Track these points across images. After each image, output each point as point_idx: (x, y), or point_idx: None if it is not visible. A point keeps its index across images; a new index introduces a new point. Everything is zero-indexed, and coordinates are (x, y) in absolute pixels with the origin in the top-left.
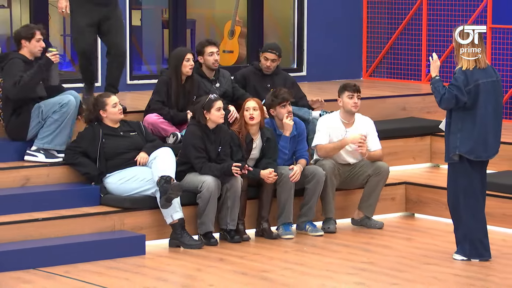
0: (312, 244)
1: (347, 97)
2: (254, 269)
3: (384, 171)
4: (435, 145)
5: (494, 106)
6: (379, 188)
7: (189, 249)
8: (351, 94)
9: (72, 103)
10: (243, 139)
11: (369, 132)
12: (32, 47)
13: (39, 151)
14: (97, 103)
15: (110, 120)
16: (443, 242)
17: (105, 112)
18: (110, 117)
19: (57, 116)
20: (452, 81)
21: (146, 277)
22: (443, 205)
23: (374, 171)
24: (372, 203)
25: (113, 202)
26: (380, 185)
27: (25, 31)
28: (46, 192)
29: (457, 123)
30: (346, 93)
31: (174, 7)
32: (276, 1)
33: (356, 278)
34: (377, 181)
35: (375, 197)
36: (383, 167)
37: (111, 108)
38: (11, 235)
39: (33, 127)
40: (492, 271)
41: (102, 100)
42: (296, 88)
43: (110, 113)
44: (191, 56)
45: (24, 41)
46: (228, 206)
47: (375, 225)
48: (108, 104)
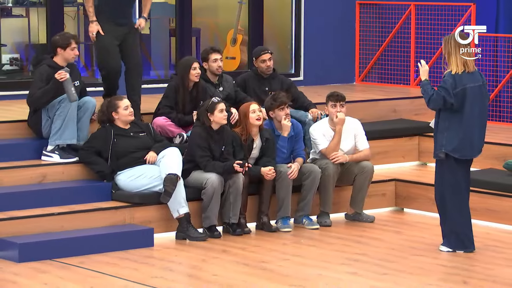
0: (308, 236)
1: (331, 107)
2: (255, 260)
3: (368, 170)
4: (423, 144)
5: (480, 109)
6: (365, 186)
7: (194, 241)
8: (333, 104)
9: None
10: (245, 139)
11: (356, 133)
12: (67, 55)
13: (54, 151)
14: (109, 105)
15: (121, 122)
16: (430, 235)
17: (117, 114)
18: (121, 118)
19: (59, 111)
20: (441, 83)
21: (154, 267)
22: (430, 201)
23: (359, 170)
24: (360, 199)
25: (124, 197)
26: (366, 183)
27: (62, 40)
28: (61, 188)
29: (445, 122)
30: (330, 102)
31: (180, 17)
32: (275, 11)
33: (350, 268)
34: (363, 179)
35: (362, 194)
36: (367, 167)
37: (123, 110)
38: (29, 229)
39: (44, 125)
40: (476, 261)
41: (115, 102)
42: (294, 89)
43: (122, 115)
44: (197, 64)
45: (60, 49)
46: (230, 202)
47: (367, 219)
48: (120, 106)
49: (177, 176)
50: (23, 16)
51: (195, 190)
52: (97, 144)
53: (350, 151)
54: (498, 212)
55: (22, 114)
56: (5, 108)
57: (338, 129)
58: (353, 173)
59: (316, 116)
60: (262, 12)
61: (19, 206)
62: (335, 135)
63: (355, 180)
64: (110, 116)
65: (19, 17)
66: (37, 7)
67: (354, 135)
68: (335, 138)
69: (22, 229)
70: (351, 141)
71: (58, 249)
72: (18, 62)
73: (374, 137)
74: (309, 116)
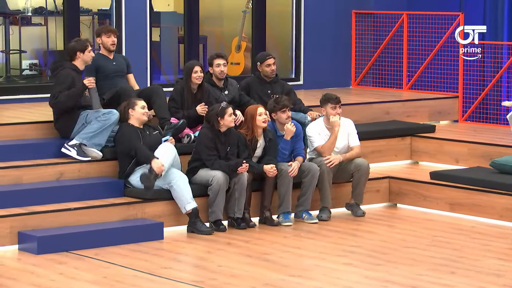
0: (308, 230)
1: (330, 108)
2: (258, 252)
3: (363, 167)
4: (415, 144)
5: None
6: (362, 182)
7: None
8: (333, 106)
9: (115, 114)
10: (250, 140)
11: (349, 132)
12: (86, 57)
13: (74, 147)
14: (128, 103)
15: (136, 119)
16: (421, 228)
17: (133, 110)
18: (136, 116)
19: (104, 117)
20: None
21: (163, 258)
22: (421, 196)
23: (355, 168)
24: (359, 192)
25: (135, 194)
26: (363, 179)
27: (79, 44)
28: (77, 185)
29: None
30: (330, 104)
31: (188, 25)
32: (277, 20)
33: (346, 260)
34: (359, 176)
35: (360, 188)
36: (363, 164)
37: (140, 108)
38: (47, 223)
39: (77, 128)
40: (463, 253)
41: (133, 101)
42: (293, 94)
43: (138, 112)
44: (199, 68)
45: (79, 52)
46: (235, 197)
47: (359, 213)
48: (138, 105)
49: (152, 172)
50: (41, 25)
51: (202, 187)
52: (138, 141)
53: (343, 149)
54: (483, 207)
55: (41, 116)
56: (25, 111)
57: (335, 132)
58: (350, 171)
59: (314, 117)
60: (265, 21)
61: (38, 201)
62: (332, 136)
63: (353, 176)
64: (127, 114)
65: (38, 25)
66: (55, 16)
67: (348, 133)
68: (331, 138)
69: (40, 223)
70: (345, 139)
71: (74, 241)
72: (37, 68)
73: (369, 137)
74: (308, 117)
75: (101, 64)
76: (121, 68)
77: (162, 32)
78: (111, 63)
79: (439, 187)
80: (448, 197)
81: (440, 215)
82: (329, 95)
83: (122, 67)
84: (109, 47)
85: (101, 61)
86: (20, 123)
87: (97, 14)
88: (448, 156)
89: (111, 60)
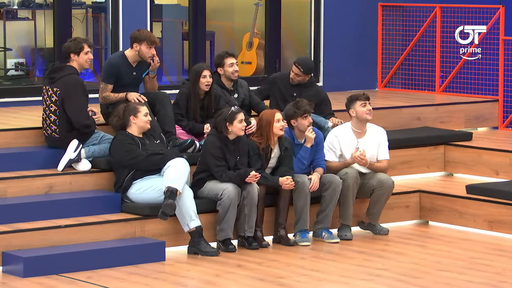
0: (328, 250)
1: (360, 106)
2: (272, 275)
3: (387, 185)
4: (449, 154)
5: None
6: (382, 201)
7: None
8: (363, 103)
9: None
10: (263, 148)
11: (381, 142)
12: (81, 60)
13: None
14: (128, 109)
15: (138, 128)
16: (456, 249)
17: (136, 118)
18: (139, 124)
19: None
20: None
21: (166, 282)
22: (457, 213)
23: (378, 185)
24: (375, 212)
25: (134, 209)
26: (383, 198)
27: (74, 45)
28: (69, 199)
29: None
30: (358, 102)
31: (194, 20)
32: (293, 13)
33: (371, 284)
34: (381, 194)
35: (378, 207)
36: (387, 182)
37: (143, 116)
38: (35, 242)
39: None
40: (504, 277)
41: (135, 106)
42: (326, 104)
43: (141, 120)
44: (208, 72)
45: (73, 54)
46: (245, 214)
47: (380, 231)
48: (141, 112)
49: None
50: (29, 19)
51: (209, 201)
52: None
53: (371, 160)
54: None
55: (28, 122)
56: (10, 116)
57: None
58: (371, 187)
59: (336, 123)
60: (280, 15)
61: (25, 218)
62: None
63: (373, 193)
64: (127, 121)
65: (25, 20)
66: (44, 9)
67: (378, 144)
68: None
69: (27, 242)
70: (374, 150)
71: (65, 263)
72: (23, 67)
73: (397, 146)
74: (329, 123)
75: (122, 71)
76: (138, 78)
77: (164, 27)
78: (131, 72)
79: (476, 202)
80: (487, 214)
81: (478, 234)
82: (356, 93)
83: (139, 76)
84: (147, 59)
85: (122, 68)
86: (4, 130)
87: (91, 7)
88: (487, 167)
89: (133, 68)
